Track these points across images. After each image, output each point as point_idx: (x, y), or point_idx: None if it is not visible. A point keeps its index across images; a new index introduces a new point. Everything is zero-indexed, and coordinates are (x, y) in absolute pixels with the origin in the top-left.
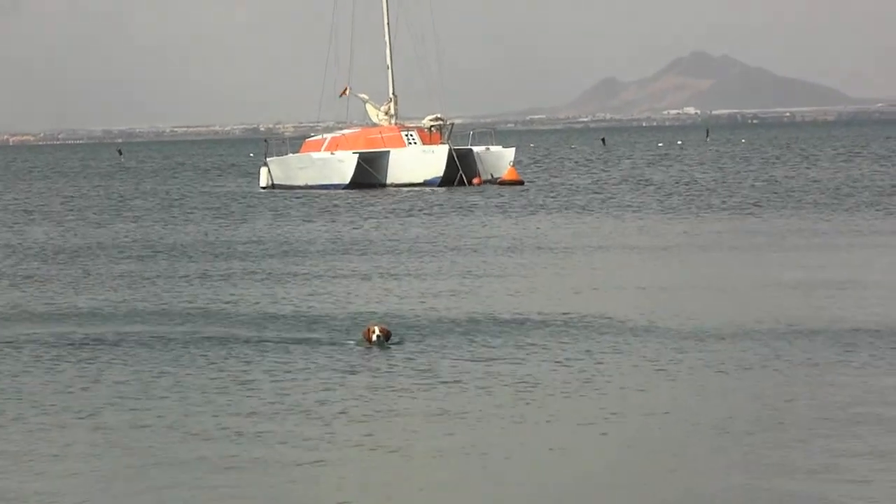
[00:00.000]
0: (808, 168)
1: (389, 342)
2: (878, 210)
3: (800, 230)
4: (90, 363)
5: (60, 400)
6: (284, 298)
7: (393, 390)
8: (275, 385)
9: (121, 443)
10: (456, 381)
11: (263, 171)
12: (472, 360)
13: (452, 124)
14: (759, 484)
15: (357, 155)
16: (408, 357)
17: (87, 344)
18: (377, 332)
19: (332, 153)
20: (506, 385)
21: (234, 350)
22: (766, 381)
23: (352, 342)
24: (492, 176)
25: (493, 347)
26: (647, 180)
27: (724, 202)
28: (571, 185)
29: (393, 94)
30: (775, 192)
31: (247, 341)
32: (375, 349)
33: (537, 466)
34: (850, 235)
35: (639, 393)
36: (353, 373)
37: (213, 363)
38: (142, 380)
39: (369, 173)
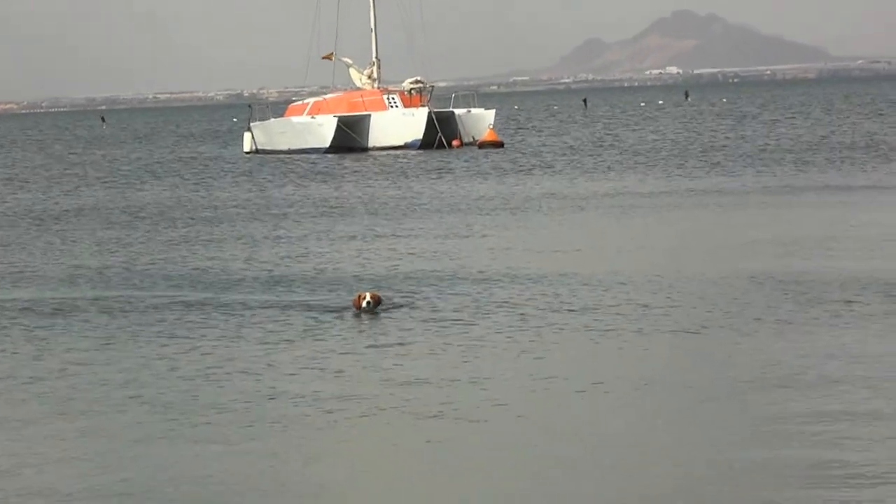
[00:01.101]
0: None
1: (379, 309)
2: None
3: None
4: (58, 330)
5: (29, 369)
6: (263, 262)
7: (381, 357)
8: (262, 351)
9: (81, 408)
10: (445, 346)
11: (247, 136)
12: (462, 325)
13: (432, 87)
14: (735, 449)
15: (336, 119)
16: (398, 324)
17: (61, 310)
18: (368, 298)
19: (312, 117)
20: (494, 348)
21: (218, 316)
22: (736, 341)
23: (340, 309)
24: (473, 138)
25: (486, 314)
26: (622, 140)
27: (696, 161)
28: (551, 145)
29: (376, 57)
30: (742, 152)
31: (231, 307)
32: (365, 316)
33: (528, 431)
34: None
35: (619, 354)
36: (344, 339)
37: (195, 329)
38: (116, 345)
39: (350, 137)
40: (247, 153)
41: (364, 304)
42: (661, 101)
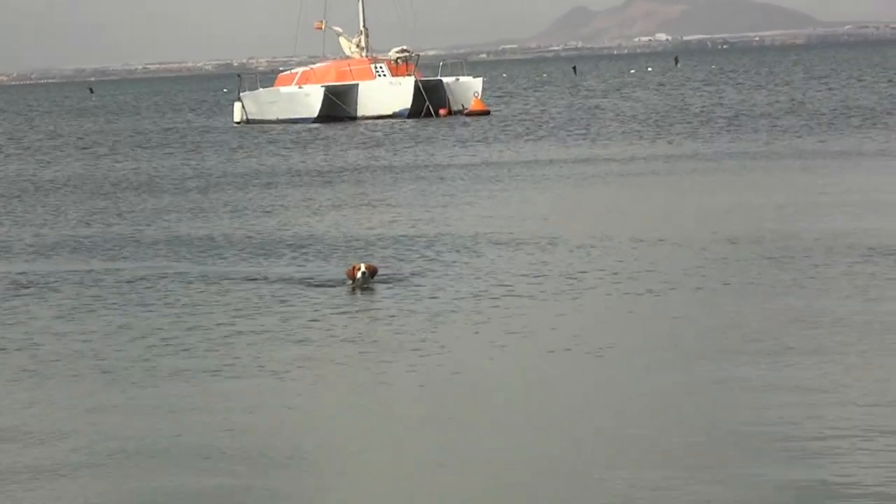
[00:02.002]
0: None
1: (374, 280)
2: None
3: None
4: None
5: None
6: (247, 232)
7: (380, 327)
8: (256, 322)
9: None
10: (441, 315)
11: (237, 106)
12: (457, 294)
13: (418, 56)
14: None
15: (324, 88)
16: (395, 294)
17: (36, 282)
18: (363, 269)
19: (300, 87)
20: (489, 320)
21: (211, 287)
22: (707, 304)
23: (334, 280)
24: (462, 107)
25: (479, 278)
26: (614, 107)
27: (683, 127)
28: (536, 114)
29: (364, 26)
30: (728, 117)
31: (223, 277)
32: (360, 287)
33: (524, 398)
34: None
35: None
36: (339, 311)
37: (185, 300)
38: (108, 315)
39: (338, 106)
40: (237, 123)
41: (359, 274)
42: (649, 68)
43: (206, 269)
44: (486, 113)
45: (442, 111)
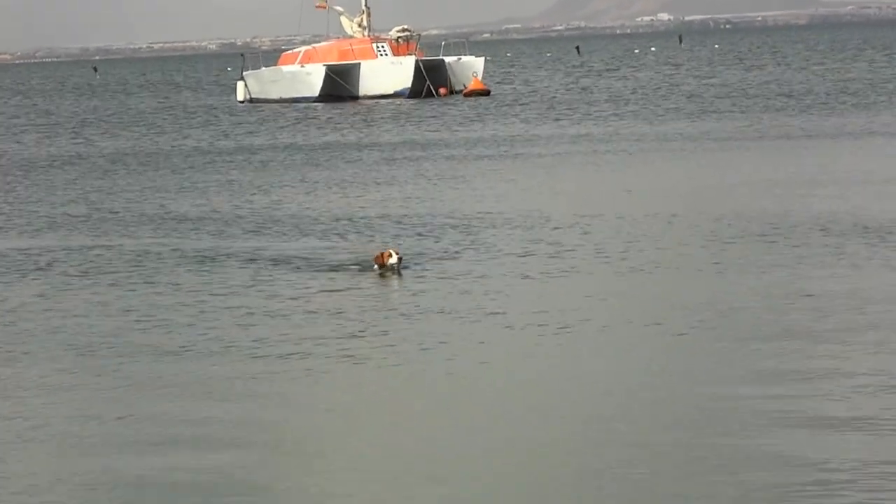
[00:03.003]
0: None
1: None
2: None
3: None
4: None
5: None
6: (245, 213)
7: (418, 314)
8: (289, 312)
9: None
10: (474, 300)
11: (240, 85)
12: (487, 281)
13: (419, 35)
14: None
15: (325, 67)
16: (426, 281)
17: (57, 259)
18: (395, 256)
19: (302, 66)
20: (518, 314)
21: (232, 272)
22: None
23: (356, 266)
24: (464, 86)
25: (504, 263)
26: (616, 86)
27: (691, 106)
28: (537, 93)
29: (366, 6)
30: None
31: (244, 261)
32: (391, 274)
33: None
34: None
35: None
36: (374, 298)
37: (202, 284)
38: (114, 299)
39: (340, 85)
40: (240, 102)
41: (390, 262)
42: (653, 48)
43: (221, 246)
44: (487, 93)
45: (442, 90)
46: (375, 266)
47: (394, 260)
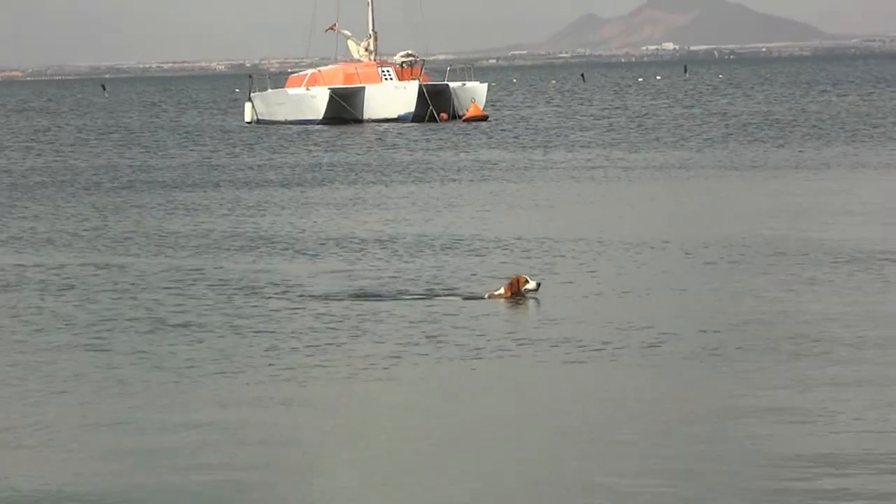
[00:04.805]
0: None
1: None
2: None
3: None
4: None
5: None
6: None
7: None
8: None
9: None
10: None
11: (248, 106)
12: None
13: (424, 60)
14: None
15: (329, 91)
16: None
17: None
18: (532, 284)
19: (307, 89)
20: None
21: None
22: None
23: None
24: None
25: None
26: (619, 116)
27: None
28: (536, 119)
29: (373, 30)
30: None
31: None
32: (522, 298)
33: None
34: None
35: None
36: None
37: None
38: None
39: (344, 108)
40: (248, 123)
41: (524, 288)
42: (658, 77)
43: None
44: (485, 118)
45: (443, 115)
46: (502, 294)
47: (531, 286)
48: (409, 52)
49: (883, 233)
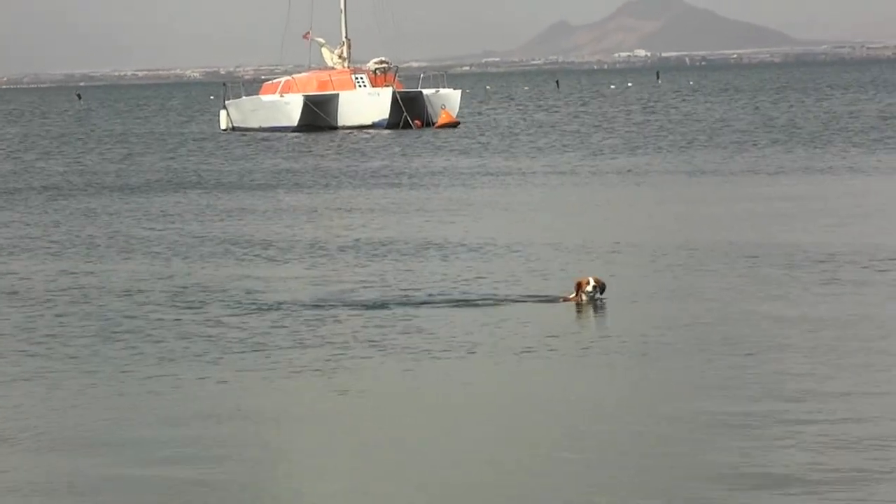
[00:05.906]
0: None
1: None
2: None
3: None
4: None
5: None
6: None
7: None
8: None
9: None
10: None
11: (223, 113)
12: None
13: (397, 67)
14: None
15: (303, 98)
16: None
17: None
18: (592, 283)
19: (281, 96)
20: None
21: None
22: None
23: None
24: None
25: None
26: (591, 119)
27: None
28: (504, 125)
29: (346, 37)
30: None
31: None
32: (590, 302)
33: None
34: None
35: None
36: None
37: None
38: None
39: (318, 116)
40: (223, 130)
41: (588, 289)
42: (629, 84)
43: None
44: (456, 125)
45: (416, 122)
46: (564, 298)
47: (593, 287)
48: (383, 59)
49: (841, 236)
